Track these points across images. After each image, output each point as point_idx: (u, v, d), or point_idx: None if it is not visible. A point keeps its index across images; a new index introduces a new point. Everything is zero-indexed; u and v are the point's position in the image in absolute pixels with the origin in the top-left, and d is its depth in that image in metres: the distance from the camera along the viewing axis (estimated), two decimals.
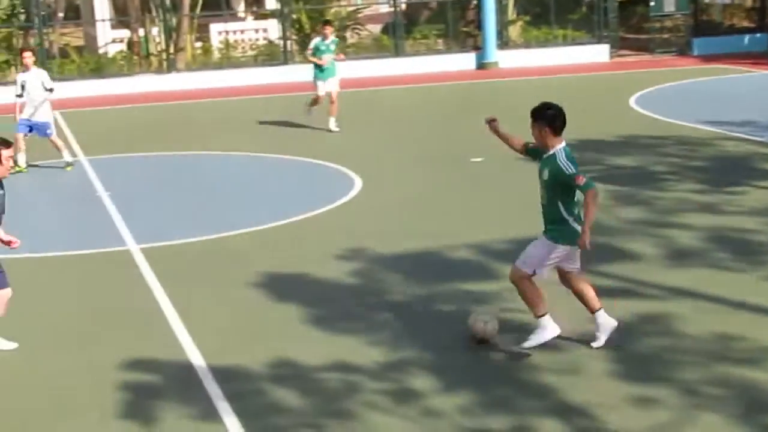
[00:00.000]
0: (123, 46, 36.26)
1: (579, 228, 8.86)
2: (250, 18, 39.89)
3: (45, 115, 18.88)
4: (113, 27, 38.07)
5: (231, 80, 31.64)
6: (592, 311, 9.23)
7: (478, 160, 17.78)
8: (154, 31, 35.09)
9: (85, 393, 8.84)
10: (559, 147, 8.94)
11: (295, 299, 10.95)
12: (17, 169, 18.66)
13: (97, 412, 8.42)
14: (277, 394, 8.56)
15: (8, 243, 9.87)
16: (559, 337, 9.16)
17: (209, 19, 36.72)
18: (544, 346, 9.22)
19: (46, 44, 33.78)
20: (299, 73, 31.52)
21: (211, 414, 8.24)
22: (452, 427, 7.84)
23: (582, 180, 8.74)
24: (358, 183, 16.56)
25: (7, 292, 9.78)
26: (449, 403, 8.22)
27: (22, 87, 18.79)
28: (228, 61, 34.32)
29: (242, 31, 37.56)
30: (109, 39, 36.85)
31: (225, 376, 8.94)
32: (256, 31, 37.89)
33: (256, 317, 10.57)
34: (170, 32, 33.90)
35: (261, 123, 23.62)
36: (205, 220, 14.82)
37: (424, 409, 8.16)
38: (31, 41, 34.49)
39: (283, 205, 15.49)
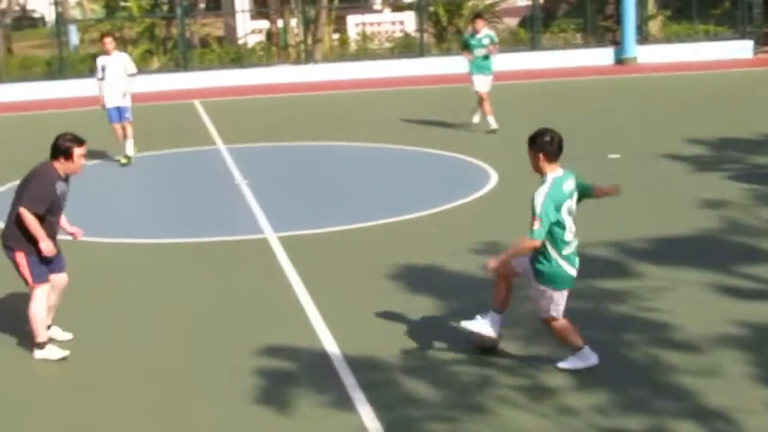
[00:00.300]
0: (262, 37, 36.77)
1: (569, 269, 8.54)
2: (387, 10, 40.05)
3: (126, 99, 18.99)
4: (252, 18, 38.65)
5: (367, 72, 31.79)
6: (498, 311, 9.03)
7: (616, 156, 17.56)
8: (293, 22, 35.48)
9: (221, 377, 8.98)
10: (550, 176, 8.56)
11: (430, 291, 10.96)
12: (125, 160, 19.09)
13: (233, 396, 8.56)
14: (411, 385, 8.58)
15: (72, 234, 9.98)
16: (698, 338, 9.01)
17: (347, 11, 37.00)
18: (683, 347, 9.08)
19: (188, 34, 34.40)
20: (435, 65, 31.62)
21: (345, 403, 8.30)
22: (587, 426, 7.75)
23: (536, 225, 8.33)
24: (494, 177, 16.50)
25: (64, 277, 9.89)
26: (584, 402, 8.14)
27: (102, 70, 18.88)
28: (365, 52, 34.51)
29: (379, 24, 37.74)
30: (249, 30, 37.40)
31: (359, 365, 8.99)
32: (393, 23, 38.03)
33: (390, 308, 10.58)
34: (309, 24, 34.24)
35: (397, 115, 23.69)
36: (342, 211, 14.94)
37: (558, 407, 8.09)
38: (173, 31, 35.22)
39: (418, 198, 15.53)
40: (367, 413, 8.08)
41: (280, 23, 35.93)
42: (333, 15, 35.70)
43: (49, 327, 9.94)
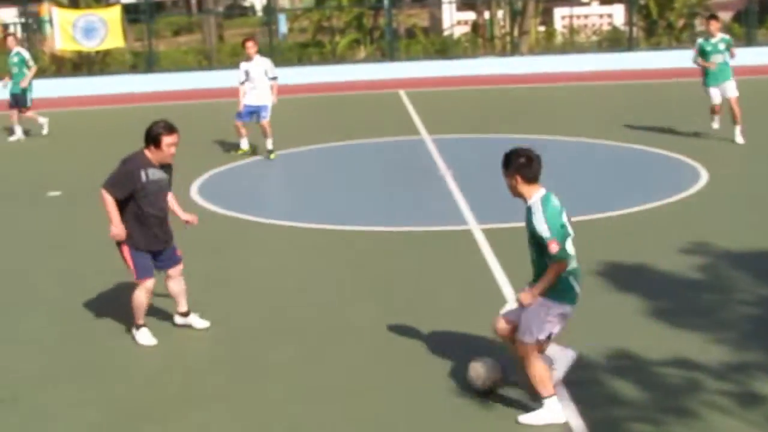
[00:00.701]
0: (467, 28, 36.82)
1: (573, 284, 7.85)
2: (595, 3, 39.56)
3: (265, 99, 18.99)
4: (458, 9, 38.73)
5: (573, 65, 31.48)
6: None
7: None
8: (500, 14, 35.41)
9: (423, 366, 8.98)
10: (536, 197, 7.96)
11: (635, 290, 10.74)
12: (241, 151, 19.29)
13: (438, 386, 8.55)
14: (616, 385, 8.42)
15: (187, 221, 9.97)
16: None
17: (553, 3, 36.72)
18: None
19: (394, 24, 34.71)
20: (644, 60, 31.06)
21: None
22: None
23: (554, 248, 7.61)
24: (704, 176, 16.07)
25: (178, 269, 9.89)
26: None
27: (246, 75, 18.91)
28: (571, 46, 34.16)
29: (586, 16, 37.35)
30: (454, 21, 37.51)
31: None
32: (601, 16, 37.58)
33: (595, 306, 10.40)
34: (516, 15, 34.09)
35: (603, 110, 23.35)
36: None
37: None
38: (381, 21, 35.59)
39: (623, 194, 15.25)
40: (571, 410, 7.96)
41: (486, 15, 35.93)
42: (540, 7, 35.46)
43: (186, 314, 10.08)
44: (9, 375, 9.23)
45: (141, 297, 9.64)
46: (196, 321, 10.15)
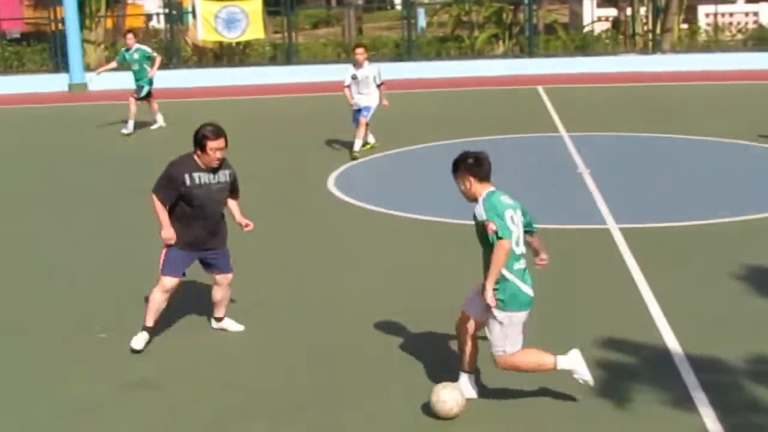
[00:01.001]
0: (608, 25, 36.36)
1: (526, 289, 7.73)
2: (740, 1, 38.68)
3: (372, 102, 18.91)
4: (599, 5, 38.26)
5: (716, 64, 30.84)
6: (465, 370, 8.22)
7: None
8: (642, 10, 34.87)
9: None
10: (484, 194, 7.76)
11: None
12: (369, 146, 19.25)
13: (571, 386, 8.44)
14: (757, 391, 8.18)
15: (245, 225, 9.76)
16: None
17: (697, 1, 36.01)
18: None
19: (534, 20, 34.47)
20: None
21: (685, 402, 8.01)
22: None
23: (492, 228, 7.54)
24: None
25: (228, 277, 9.68)
26: None
27: (353, 78, 18.85)
28: (715, 44, 33.45)
29: (731, 14, 36.55)
30: (595, 17, 37.06)
31: (703, 366, 8.66)
32: (746, 14, 36.74)
33: (739, 309, 10.16)
34: (658, 12, 33.52)
35: (747, 110, 22.78)
36: (688, 205, 14.52)
37: None
38: (520, 17, 35.37)
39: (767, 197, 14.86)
40: (708, 415, 7.77)
41: (628, 11, 35.42)
42: (684, 4, 34.79)
43: (221, 319, 9.92)
44: (148, 363, 9.41)
45: (157, 297, 9.45)
46: (231, 325, 10.00)
